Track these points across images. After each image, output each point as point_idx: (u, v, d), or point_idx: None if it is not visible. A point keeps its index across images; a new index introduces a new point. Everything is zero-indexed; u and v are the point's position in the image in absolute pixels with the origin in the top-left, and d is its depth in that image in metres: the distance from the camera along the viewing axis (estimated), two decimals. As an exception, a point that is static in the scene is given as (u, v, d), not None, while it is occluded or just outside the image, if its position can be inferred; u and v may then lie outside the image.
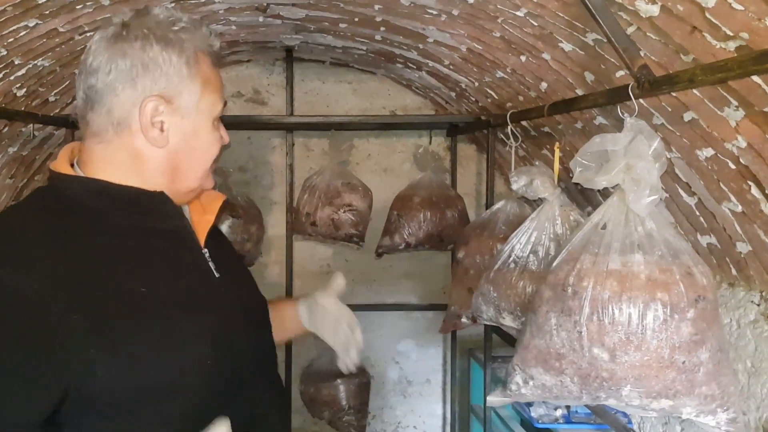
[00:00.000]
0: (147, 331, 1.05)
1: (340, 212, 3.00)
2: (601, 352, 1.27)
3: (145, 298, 1.07)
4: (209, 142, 1.19)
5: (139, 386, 1.04)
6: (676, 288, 1.26)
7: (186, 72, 1.13)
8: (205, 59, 1.16)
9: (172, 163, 1.16)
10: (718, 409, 1.28)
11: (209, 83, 1.16)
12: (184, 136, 1.16)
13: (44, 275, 0.99)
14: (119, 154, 1.15)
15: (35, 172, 2.94)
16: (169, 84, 1.12)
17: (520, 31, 1.86)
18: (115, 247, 1.09)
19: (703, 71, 1.12)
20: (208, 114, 1.17)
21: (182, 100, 1.14)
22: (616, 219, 1.34)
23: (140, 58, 1.10)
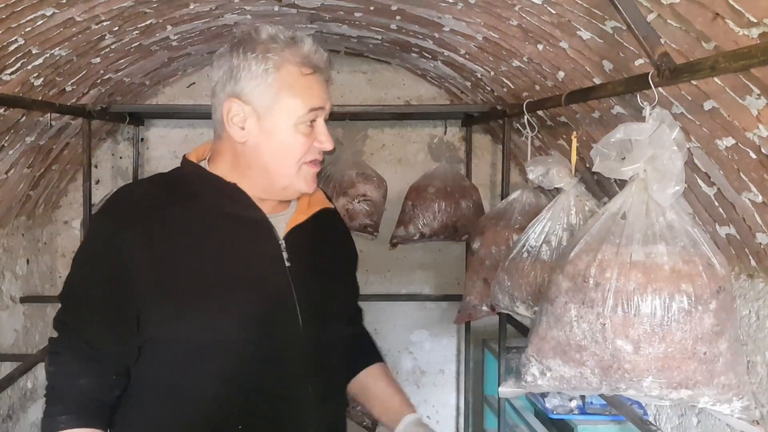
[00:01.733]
0: (196, 292, 1.28)
1: (355, 202, 3.00)
2: (625, 344, 1.25)
3: (207, 266, 1.30)
4: (289, 143, 1.33)
5: (183, 338, 1.27)
6: (700, 279, 1.25)
7: (263, 77, 1.30)
8: (291, 69, 1.31)
9: (257, 158, 1.34)
10: (734, 397, 1.27)
11: (288, 89, 1.31)
12: (263, 134, 1.33)
13: (137, 231, 1.28)
14: (225, 149, 1.38)
15: (52, 161, 2.96)
16: (246, 87, 1.31)
17: (537, 19, 1.84)
18: (199, 222, 1.33)
19: (725, 58, 1.10)
20: (286, 117, 1.31)
21: (258, 102, 1.31)
22: (637, 209, 1.32)
23: (229, 66, 1.32)
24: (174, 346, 1.29)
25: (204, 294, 1.28)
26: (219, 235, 1.34)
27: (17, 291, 3.15)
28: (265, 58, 1.30)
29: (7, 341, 3.05)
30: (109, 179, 3.54)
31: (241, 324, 1.30)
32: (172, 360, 1.29)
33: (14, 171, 2.64)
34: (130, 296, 1.27)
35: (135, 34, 2.36)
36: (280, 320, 1.34)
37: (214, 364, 1.29)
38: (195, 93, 3.53)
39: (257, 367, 1.31)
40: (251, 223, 1.37)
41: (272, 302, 1.34)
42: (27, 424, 3.24)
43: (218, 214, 1.35)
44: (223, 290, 1.30)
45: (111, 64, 2.57)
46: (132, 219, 1.30)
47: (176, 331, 1.27)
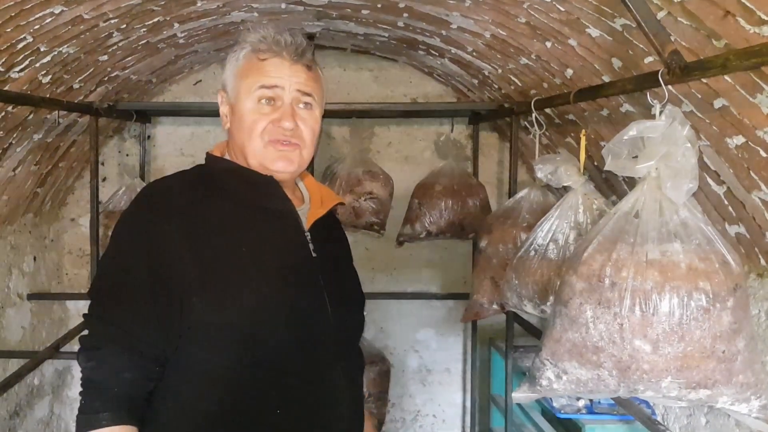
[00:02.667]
0: (237, 283, 1.33)
1: (361, 200, 3.00)
2: (643, 344, 1.24)
3: (243, 257, 1.35)
4: (248, 119, 1.41)
5: (224, 325, 1.31)
6: (717, 277, 1.24)
7: (233, 67, 1.44)
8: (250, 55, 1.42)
9: (235, 142, 1.45)
10: (751, 396, 1.26)
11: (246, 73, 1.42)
12: (234, 118, 1.44)
13: (177, 223, 1.33)
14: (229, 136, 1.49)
15: (59, 159, 2.96)
16: (226, 78, 1.46)
17: (546, 17, 1.83)
18: (232, 214, 1.39)
19: (736, 56, 1.10)
20: (244, 96, 1.41)
21: (230, 89, 1.45)
22: (650, 207, 1.31)
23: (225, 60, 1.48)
24: (213, 334, 1.31)
25: (242, 283, 1.33)
26: (252, 227, 1.40)
27: (24, 288, 3.15)
28: (237, 50, 1.45)
29: (14, 338, 3.05)
30: (116, 177, 3.53)
31: (276, 311, 1.35)
32: (210, 347, 1.32)
33: (22, 168, 2.65)
34: (172, 285, 1.30)
35: (142, 31, 2.35)
36: (312, 307, 1.40)
37: (252, 350, 1.33)
38: (201, 90, 3.53)
39: (292, 352, 1.36)
40: (281, 215, 1.44)
41: (304, 290, 1.40)
42: (34, 421, 3.25)
43: (250, 206, 1.41)
44: (259, 280, 1.35)
45: (118, 61, 2.57)
46: (169, 212, 1.35)
47: (216, 318, 1.30)
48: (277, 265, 1.39)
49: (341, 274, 1.55)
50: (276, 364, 1.34)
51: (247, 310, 1.32)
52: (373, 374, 3.22)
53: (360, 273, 1.66)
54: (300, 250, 1.44)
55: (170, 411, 1.34)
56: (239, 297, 1.32)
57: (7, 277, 2.99)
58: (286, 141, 1.42)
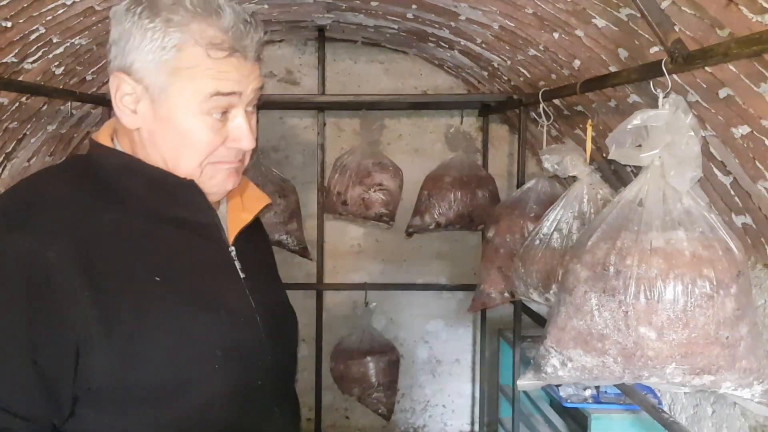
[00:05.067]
0: (152, 322, 1.01)
1: (371, 191, 3.02)
2: (648, 331, 1.26)
3: (158, 288, 1.03)
4: (190, 137, 1.06)
5: (138, 381, 1.00)
6: (720, 264, 1.25)
7: (159, 53, 1.03)
8: (194, 49, 1.03)
9: (154, 149, 1.09)
10: (754, 381, 1.27)
11: (189, 72, 1.03)
12: (158, 120, 1.06)
13: (63, 247, 0.97)
14: (124, 131, 1.12)
15: (73, 150, 3.00)
16: (138, 59, 1.03)
17: (552, 7, 1.84)
18: (138, 228, 1.05)
19: (737, 44, 1.10)
20: (184, 103, 1.05)
21: (151, 81, 1.04)
22: (654, 196, 1.32)
23: (119, 29, 1.04)
24: (121, 393, 0.99)
25: (159, 325, 1.01)
26: (166, 246, 1.07)
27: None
28: (165, 31, 1.02)
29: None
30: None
31: (207, 356, 1.05)
32: (117, 409, 1.00)
33: (36, 159, 2.68)
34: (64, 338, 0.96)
35: (154, 23, 2.38)
36: (246, 344, 1.11)
37: (175, 408, 1.03)
38: (213, 83, 3.55)
39: (222, 404, 1.07)
40: (201, 227, 1.13)
41: (236, 324, 1.10)
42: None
43: (160, 217, 1.09)
44: (181, 317, 1.04)
45: (130, 53, 2.60)
46: (53, 230, 0.98)
47: (126, 375, 0.98)
48: (202, 295, 1.08)
49: (273, 295, 1.26)
50: (203, 421, 1.05)
51: (168, 360, 1.01)
52: (383, 364, 3.25)
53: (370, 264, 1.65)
54: (226, 271, 1.14)
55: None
56: (157, 344, 1.00)
57: (23, 267, 3.03)
58: (238, 160, 1.13)
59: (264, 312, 1.15)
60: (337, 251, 3.61)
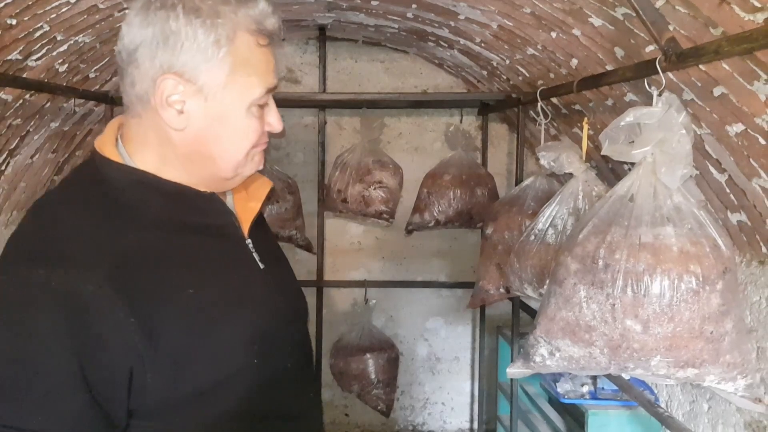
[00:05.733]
0: (195, 333, 1.02)
1: (371, 189, 3.04)
2: (634, 323, 1.28)
3: (194, 300, 1.03)
4: (242, 129, 1.08)
5: (185, 390, 1.02)
6: (707, 260, 1.28)
7: (213, 51, 1.02)
8: (246, 38, 1.04)
9: (199, 149, 1.07)
10: (738, 376, 1.29)
11: (244, 65, 1.05)
12: (209, 120, 1.06)
13: (98, 278, 0.95)
14: (150, 133, 1.08)
15: (76, 147, 3.03)
16: (190, 61, 1.02)
17: (549, 6, 1.86)
18: (162, 243, 1.04)
19: (728, 42, 1.12)
20: (239, 98, 1.06)
21: (206, 80, 1.03)
22: (645, 192, 1.35)
23: (162, 29, 1.01)
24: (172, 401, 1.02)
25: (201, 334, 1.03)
26: (193, 256, 1.08)
27: (42, 274, 3.22)
28: (215, 25, 1.01)
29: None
30: (131, 166, 3.60)
31: (246, 352, 1.08)
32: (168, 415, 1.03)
33: (39, 156, 2.71)
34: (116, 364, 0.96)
35: (156, 22, 2.40)
36: (273, 331, 1.14)
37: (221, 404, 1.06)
38: (215, 81, 3.58)
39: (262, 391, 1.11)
40: (219, 228, 1.14)
41: (263, 315, 1.13)
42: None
43: (181, 229, 1.08)
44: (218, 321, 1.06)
45: (133, 51, 2.62)
46: (85, 264, 0.96)
47: (177, 385, 1.01)
48: (233, 295, 1.10)
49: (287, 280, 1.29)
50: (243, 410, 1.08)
51: (214, 365, 1.04)
52: (382, 361, 3.27)
53: (370, 261, 1.68)
54: (248, 266, 1.16)
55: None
56: (202, 353, 1.03)
57: (25, 263, 3.05)
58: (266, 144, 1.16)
59: (283, 298, 1.19)
60: (337, 249, 3.63)
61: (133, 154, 1.09)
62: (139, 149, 1.09)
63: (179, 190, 1.09)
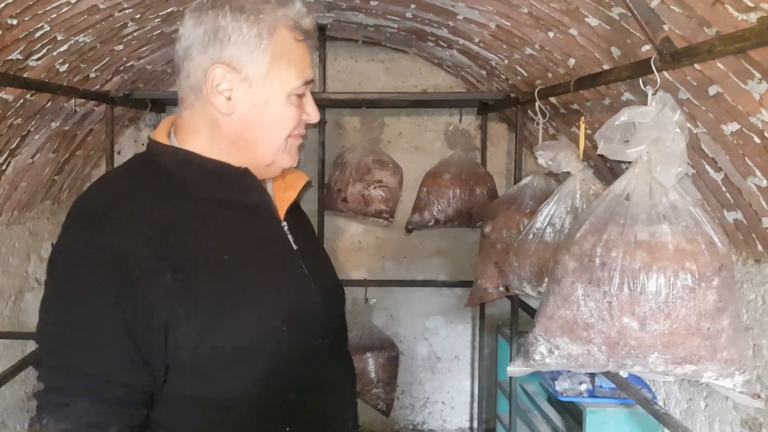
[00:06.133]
0: (227, 296, 1.14)
1: (371, 188, 3.05)
2: (631, 321, 1.29)
3: (227, 266, 1.15)
4: (281, 116, 1.22)
5: (217, 348, 1.12)
6: (703, 257, 1.29)
7: (256, 43, 1.16)
8: (285, 33, 1.18)
9: (243, 133, 1.21)
10: (735, 372, 1.30)
11: (283, 57, 1.18)
12: (253, 106, 1.20)
13: (142, 240, 1.09)
14: (201, 121, 1.22)
15: (77, 147, 3.04)
16: (237, 53, 1.16)
17: (546, 6, 1.87)
18: (202, 216, 1.17)
19: (721, 41, 1.13)
20: (279, 87, 1.19)
21: (250, 70, 1.17)
22: (641, 190, 1.36)
23: (212, 26, 1.16)
24: (206, 359, 1.12)
25: (233, 297, 1.15)
26: (228, 229, 1.20)
27: (42, 273, 3.21)
28: (258, 20, 1.16)
29: (33, 322, 3.12)
30: (132, 165, 3.62)
31: (276, 320, 1.18)
32: (203, 374, 1.14)
33: (40, 156, 2.72)
34: (153, 316, 1.08)
35: (156, 21, 2.42)
36: (304, 307, 1.24)
37: (250, 369, 1.16)
38: (215, 81, 3.59)
39: (293, 361, 1.20)
40: (257, 208, 1.26)
41: (294, 290, 1.24)
42: (52, 402, 3.33)
43: (219, 203, 1.21)
44: (250, 291, 1.17)
45: (133, 51, 2.64)
46: (129, 226, 1.10)
47: (208, 341, 1.11)
48: (265, 267, 1.22)
49: (321, 263, 1.40)
50: (279, 380, 1.19)
51: (242, 328, 1.15)
52: (383, 360, 3.28)
53: (370, 261, 1.69)
54: (282, 245, 1.27)
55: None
56: (231, 316, 1.13)
57: (26, 262, 3.07)
58: (303, 134, 1.29)
59: (316, 278, 1.28)
60: (337, 248, 3.64)
61: (183, 143, 1.23)
62: (190, 137, 1.23)
63: (217, 166, 1.21)
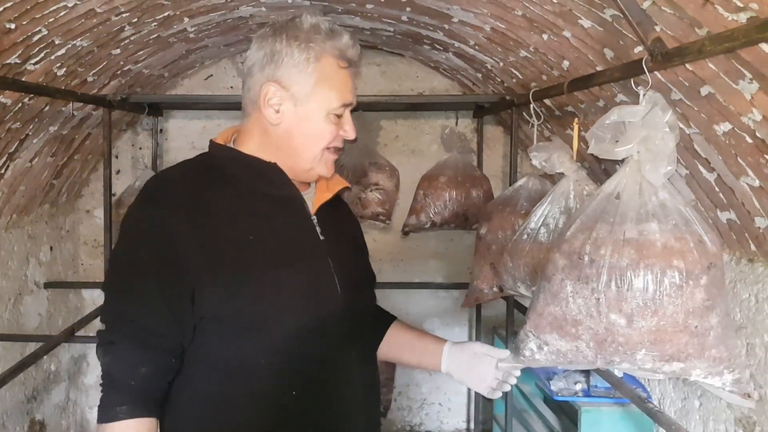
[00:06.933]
0: (248, 269, 1.34)
1: (368, 191, 3.07)
2: (619, 318, 1.30)
3: (252, 245, 1.36)
4: (320, 131, 1.41)
5: (237, 312, 1.33)
6: (691, 255, 1.29)
7: (304, 66, 1.37)
8: (330, 60, 1.39)
9: (287, 141, 1.42)
10: (724, 370, 1.31)
11: (326, 81, 1.39)
12: (297, 120, 1.40)
13: (183, 216, 1.33)
14: (254, 128, 1.45)
15: (75, 151, 3.05)
16: (287, 73, 1.38)
17: (540, 9, 1.89)
18: (238, 203, 1.39)
19: (711, 41, 1.15)
20: (320, 106, 1.39)
21: (297, 89, 1.38)
22: (631, 189, 1.37)
23: (270, 49, 1.39)
24: (227, 322, 1.33)
25: (253, 270, 1.34)
26: (259, 214, 1.40)
27: (41, 276, 3.25)
28: (308, 48, 1.37)
29: (32, 324, 3.15)
30: (129, 169, 3.63)
31: (290, 296, 1.36)
32: (225, 335, 1.34)
33: (38, 159, 2.74)
34: (185, 278, 1.31)
35: (153, 25, 2.43)
36: (322, 290, 1.41)
37: (266, 336, 1.35)
38: (212, 85, 3.61)
39: (306, 335, 1.37)
40: (287, 201, 1.45)
41: (314, 274, 1.41)
42: (51, 405, 3.34)
43: (255, 193, 1.41)
44: (270, 266, 1.36)
45: (131, 55, 2.65)
46: (175, 204, 1.35)
47: (229, 307, 1.32)
48: (286, 250, 1.40)
49: (350, 256, 1.55)
50: (291, 349, 1.36)
51: (260, 297, 1.34)
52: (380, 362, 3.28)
53: (368, 263, 1.72)
54: (308, 234, 1.45)
55: (188, 401, 1.37)
56: (251, 285, 1.34)
57: (25, 266, 3.08)
58: (339, 149, 1.47)
59: (339, 268, 1.44)
60: (334, 251, 3.65)
61: (239, 145, 1.46)
62: (245, 141, 1.46)
63: (252, 161, 1.43)
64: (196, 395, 1.37)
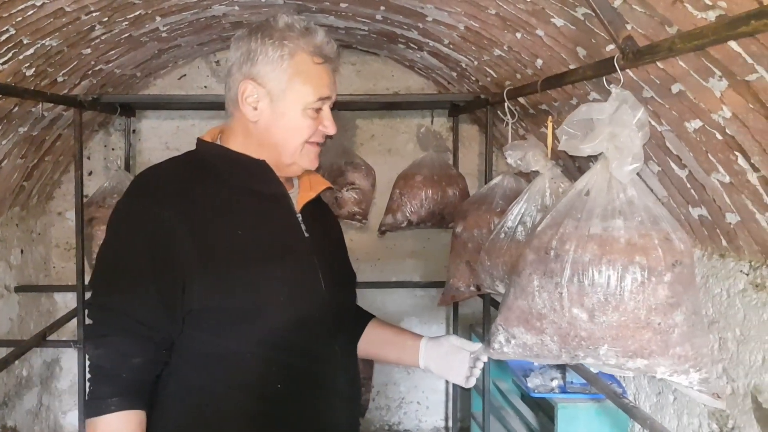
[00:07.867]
0: (235, 262, 1.37)
1: (344, 190, 3.06)
2: (581, 312, 1.31)
3: (240, 239, 1.40)
4: (296, 125, 1.45)
5: (225, 304, 1.36)
6: (655, 252, 1.30)
7: (278, 63, 1.42)
8: (304, 57, 1.43)
9: (267, 137, 1.46)
10: (690, 369, 1.31)
11: (301, 76, 1.43)
12: (274, 116, 1.44)
13: (174, 209, 1.36)
14: (237, 126, 1.49)
15: (45, 152, 3.00)
16: (262, 70, 1.42)
17: (513, 8, 1.90)
18: (226, 198, 1.42)
19: (680, 39, 1.16)
20: (296, 101, 1.43)
21: (272, 85, 1.43)
22: (599, 186, 1.38)
23: (246, 49, 1.44)
24: (215, 314, 1.37)
25: (241, 265, 1.37)
26: (246, 210, 1.44)
27: (12, 280, 3.20)
28: (282, 45, 1.41)
29: (2, 329, 3.10)
30: (102, 171, 3.58)
31: (276, 290, 1.40)
32: (213, 328, 1.37)
33: (7, 161, 2.69)
34: (177, 270, 1.34)
35: (124, 25, 2.40)
36: (307, 285, 1.46)
37: (252, 328, 1.38)
38: (186, 85, 3.57)
39: (292, 329, 1.41)
40: (274, 197, 1.48)
41: (299, 270, 1.46)
42: (22, 411, 3.29)
43: (243, 189, 1.45)
44: (258, 260, 1.40)
45: (102, 55, 2.62)
46: (165, 198, 1.39)
47: (218, 299, 1.35)
48: (273, 245, 1.44)
49: (332, 253, 1.60)
50: (277, 341, 1.40)
51: (248, 290, 1.37)
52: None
53: (345, 263, 1.73)
54: (293, 231, 1.49)
55: (174, 393, 1.40)
56: (240, 278, 1.37)
57: (-5, 269, 3.03)
58: (321, 142, 1.51)
59: (323, 265, 1.49)
60: (311, 251, 3.64)
61: (224, 143, 1.50)
62: (230, 138, 1.50)
63: (240, 158, 1.47)
64: (183, 387, 1.40)
